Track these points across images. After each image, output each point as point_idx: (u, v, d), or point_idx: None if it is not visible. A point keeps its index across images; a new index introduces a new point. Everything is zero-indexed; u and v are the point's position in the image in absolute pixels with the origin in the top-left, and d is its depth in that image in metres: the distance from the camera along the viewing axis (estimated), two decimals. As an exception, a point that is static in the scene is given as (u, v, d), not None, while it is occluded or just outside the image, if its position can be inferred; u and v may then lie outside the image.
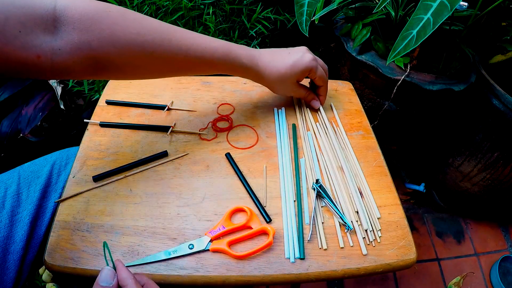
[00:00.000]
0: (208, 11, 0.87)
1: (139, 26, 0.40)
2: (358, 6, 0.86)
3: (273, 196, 0.47)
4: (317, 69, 0.52)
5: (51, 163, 0.51)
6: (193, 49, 0.44)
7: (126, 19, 0.39)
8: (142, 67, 0.43)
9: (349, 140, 0.55)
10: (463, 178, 0.98)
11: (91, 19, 0.36)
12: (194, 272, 0.39)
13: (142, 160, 0.50)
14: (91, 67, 0.39)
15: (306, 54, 0.52)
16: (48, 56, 0.35)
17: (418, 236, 1.12)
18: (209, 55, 0.45)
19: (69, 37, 0.35)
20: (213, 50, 0.45)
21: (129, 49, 0.39)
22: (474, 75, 0.85)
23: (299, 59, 0.51)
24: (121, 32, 0.38)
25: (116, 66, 0.41)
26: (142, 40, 0.40)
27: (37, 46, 0.34)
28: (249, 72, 0.50)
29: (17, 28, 0.32)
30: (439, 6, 0.56)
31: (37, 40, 0.33)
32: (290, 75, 0.51)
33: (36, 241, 0.46)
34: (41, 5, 0.33)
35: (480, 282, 1.03)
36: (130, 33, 0.39)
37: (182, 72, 0.47)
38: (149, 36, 0.40)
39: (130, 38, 0.39)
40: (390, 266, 0.41)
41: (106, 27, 0.37)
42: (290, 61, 0.50)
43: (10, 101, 0.96)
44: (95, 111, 0.57)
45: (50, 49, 0.34)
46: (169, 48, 0.42)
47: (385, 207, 0.47)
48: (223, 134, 0.55)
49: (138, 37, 0.39)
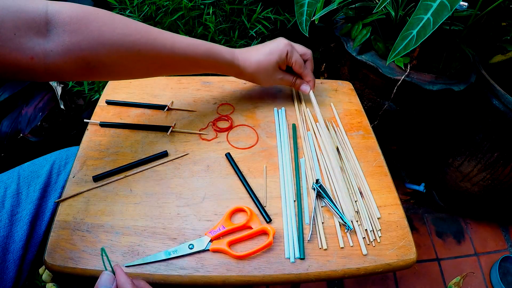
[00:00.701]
0: (208, 11, 0.87)
1: (126, 27, 0.42)
2: (358, 6, 0.86)
3: (273, 196, 0.47)
4: (292, 53, 0.54)
5: (51, 163, 0.51)
6: (177, 46, 0.46)
7: (113, 21, 0.41)
8: (130, 66, 0.45)
9: (349, 140, 0.55)
10: (463, 178, 0.98)
11: (80, 21, 0.38)
12: (194, 272, 0.39)
13: (142, 160, 0.50)
14: (82, 67, 0.41)
15: (281, 40, 0.54)
16: (40, 57, 0.36)
17: (418, 236, 1.12)
18: (192, 52, 0.48)
19: (60, 39, 0.37)
20: (195, 47, 0.48)
21: (117, 49, 0.42)
22: (474, 75, 0.85)
23: (274, 46, 0.53)
24: (109, 33, 0.40)
25: (106, 66, 0.43)
26: (129, 40, 0.42)
27: (31, 48, 0.36)
28: (231, 67, 0.53)
29: (12, 31, 0.34)
30: (439, 6, 0.56)
31: (31, 42, 0.35)
32: (269, 62, 0.53)
33: (36, 240, 0.46)
34: (34, 9, 0.36)
35: (480, 282, 1.03)
36: (118, 33, 0.41)
37: (168, 70, 0.50)
38: (135, 36, 0.43)
39: (118, 38, 0.41)
40: (390, 266, 0.41)
41: (95, 28, 0.39)
42: (267, 49, 0.53)
43: (10, 101, 0.96)
44: (95, 111, 0.57)
45: (42, 51, 0.36)
46: (154, 46, 0.44)
47: (385, 207, 0.47)
48: (223, 134, 0.55)
49: (125, 37, 0.42)
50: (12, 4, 0.34)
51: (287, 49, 0.53)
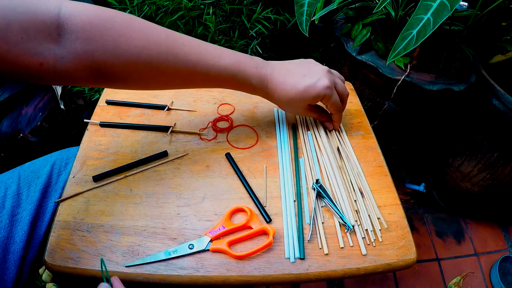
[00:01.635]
0: (208, 11, 0.87)
1: (145, 39, 0.38)
2: (358, 6, 0.86)
3: (273, 196, 0.47)
4: (331, 97, 0.48)
5: (51, 163, 0.51)
6: (200, 65, 0.42)
7: (132, 30, 0.38)
8: (146, 79, 0.42)
9: (349, 140, 0.55)
10: (463, 178, 0.98)
11: (94, 29, 0.35)
12: (194, 272, 0.39)
13: (142, 160, 0.50)
14: (94, 76, 0.38)
15: (322, 79, 0.47)
16: (50, 63, 0.34)
17: (418, 236, 1.12)
18: (216, 73, 0.43)
19: (72, 46, 0.35)
20: (221, 69, 0.43)
21: (133, 62, 0.38)
22: (474, 75, 0.85)
23: (312, 85, 0.46)
24: (125, 45, 0.37)
25: (119, 77, 0.40)
26: (147, 54, 0.39)
27: (40, 54, 0.33)
28: (258, 92, 0.48)
29: (19, 35, 0.31)
30: (439, 6, 0.56)
31: (40, 47, 0.33)
32: (300, 100, 0.48)
33: (36, 241, 0.46)
34: (45, 11, 0.33)
35: (480, 282, 1.03)
36: (135, 46, 0.38)
37: (188, 86, 0.46)
38: (154, 49, 0.39)
39: (135, 51, 0.38)
40: (390, 266, 0.41)
41: (111, 38, 0.36)
42: (302, 86, 0.46)
43: (10, 101, 0.96)
44: (95, 111, 0.57)
45: (53, 57, 0.34)
46: (175, 63, 0.41)
47: (385, 207, 0.47)
48: (223, 134, 0.55)
49: (143, 50, 0.38)
50: (20, 4, 0.31)
51: (325, 93, 0.47)
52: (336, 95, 0.49)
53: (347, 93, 0.52)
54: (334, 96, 0.49)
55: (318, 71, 0.48)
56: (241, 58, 0.45)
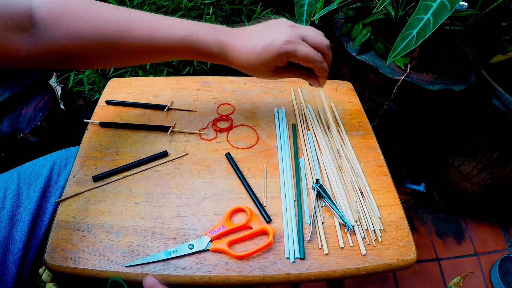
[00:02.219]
0: (208, 11, 0.87)
1: (101, 19, 0.41)
2: (358, 6, 0.86)
3: (273, 196, 0.47)
4: (296, 51, 0.42)
5: (51, 163, 0.51)
6: (155, 39, 0.42)
7: (89, 13, 0.41)
8: (106, 57, 0.45)
9: (349, 140, 0.55)
10: (463, 178, 0.98)
11: (56, 16, 0.39)
12: (194, 272, 0.39)
13: (142, 160, 0.50)
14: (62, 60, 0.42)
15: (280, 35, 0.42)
16: (25, 50, 0.38)
17: (418, 236, 1.12)
18: (173, 45, 0.43)
19: (41, 34, 0.39)
20: (178, 39, 0.43)
21: (94, 43, 0.41)
22: (474, 75, 0.85)
23: (268, 44, 0.42)
24: (85, 27, 0.40)
25: (83, 59, 0.44)
26: (105, 34, 0.41)
27: (16, 43, 0.37)
28: (220, 60, 0.46)
29: None
30: (439, 6, 0.56)
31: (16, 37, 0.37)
32: (262, 64, 0.43)
33: (36, 241, 0.46)
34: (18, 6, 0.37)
35: (480, 282, 1.03)
36: (92, 27, 0.40)
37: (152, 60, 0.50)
38: (110, 28, 0.41)
39: (93, 32, 0.41)
40: (390, 266, 0.41)
41: (71, 23, 0.40)
42: (259, 47, 0.42)
43: (10, 101, 0.96)
44: (95, 111, 0.57)
45: (26, 45, 0.38)
46: (131, 39, 0.42)
47: (385, 207, 0.47)
48: (223, 134, 0.55)
49: (100, 30, 0.41)
50: None
51: (286, 49, 0.42)
52: (304, 48, 0.43)
53: (326, 43, 0.45)
54: (301, 49, 0.43)
55: (278, 28, 0.43)
56: (198, 26, 0.44)
